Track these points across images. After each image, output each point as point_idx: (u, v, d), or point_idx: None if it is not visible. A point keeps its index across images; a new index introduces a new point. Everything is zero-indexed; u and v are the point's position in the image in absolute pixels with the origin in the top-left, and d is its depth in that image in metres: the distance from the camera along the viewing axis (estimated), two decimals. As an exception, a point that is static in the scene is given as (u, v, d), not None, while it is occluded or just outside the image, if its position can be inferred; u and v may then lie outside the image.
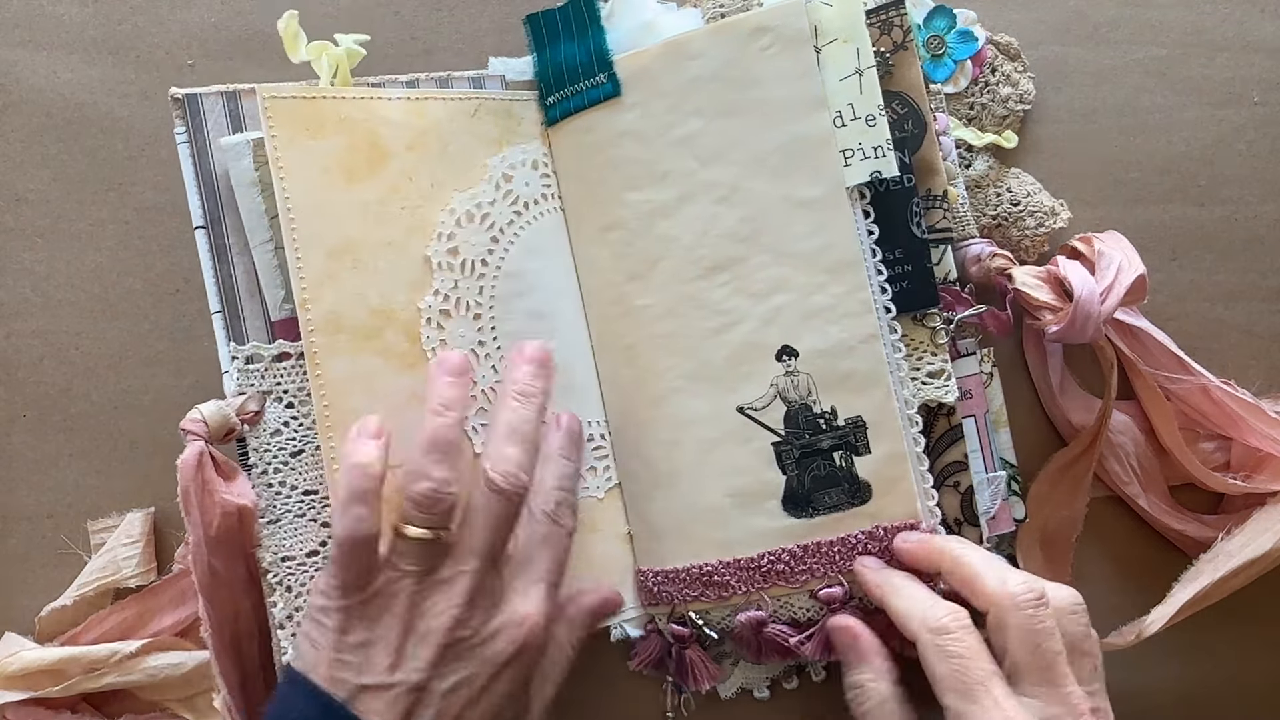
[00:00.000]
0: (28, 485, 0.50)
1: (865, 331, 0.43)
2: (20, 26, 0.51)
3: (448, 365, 0.41)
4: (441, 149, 0.45)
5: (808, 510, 0.44)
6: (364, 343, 0.42)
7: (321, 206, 0.42)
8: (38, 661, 0.45)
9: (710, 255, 0.44)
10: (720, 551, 0.44)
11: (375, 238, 0.43)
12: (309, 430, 0.42)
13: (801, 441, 0.44)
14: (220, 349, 0.42)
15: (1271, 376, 0.51)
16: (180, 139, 0.42)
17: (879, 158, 0.43)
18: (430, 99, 0.45)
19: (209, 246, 0.42)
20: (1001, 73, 0.50)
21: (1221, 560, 0.46)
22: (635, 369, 0.46)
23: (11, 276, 0.50)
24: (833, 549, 0.43)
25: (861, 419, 0.43)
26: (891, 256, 0.44)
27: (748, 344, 0.44)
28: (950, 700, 0.37)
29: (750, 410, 0.44)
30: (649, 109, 0.45)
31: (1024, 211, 0.49)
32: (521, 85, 0.48)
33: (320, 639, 0.38)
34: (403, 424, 0.41)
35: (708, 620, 0.45)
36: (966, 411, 0.46)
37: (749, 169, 0.44)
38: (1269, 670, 0.50)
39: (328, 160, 0.42)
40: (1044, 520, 0.48)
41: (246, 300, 0.43)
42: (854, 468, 0.43)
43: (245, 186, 0.42)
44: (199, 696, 0.47)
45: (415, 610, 0.38)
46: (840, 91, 0.43)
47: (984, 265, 0.46)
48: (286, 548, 0.42)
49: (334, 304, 0.42)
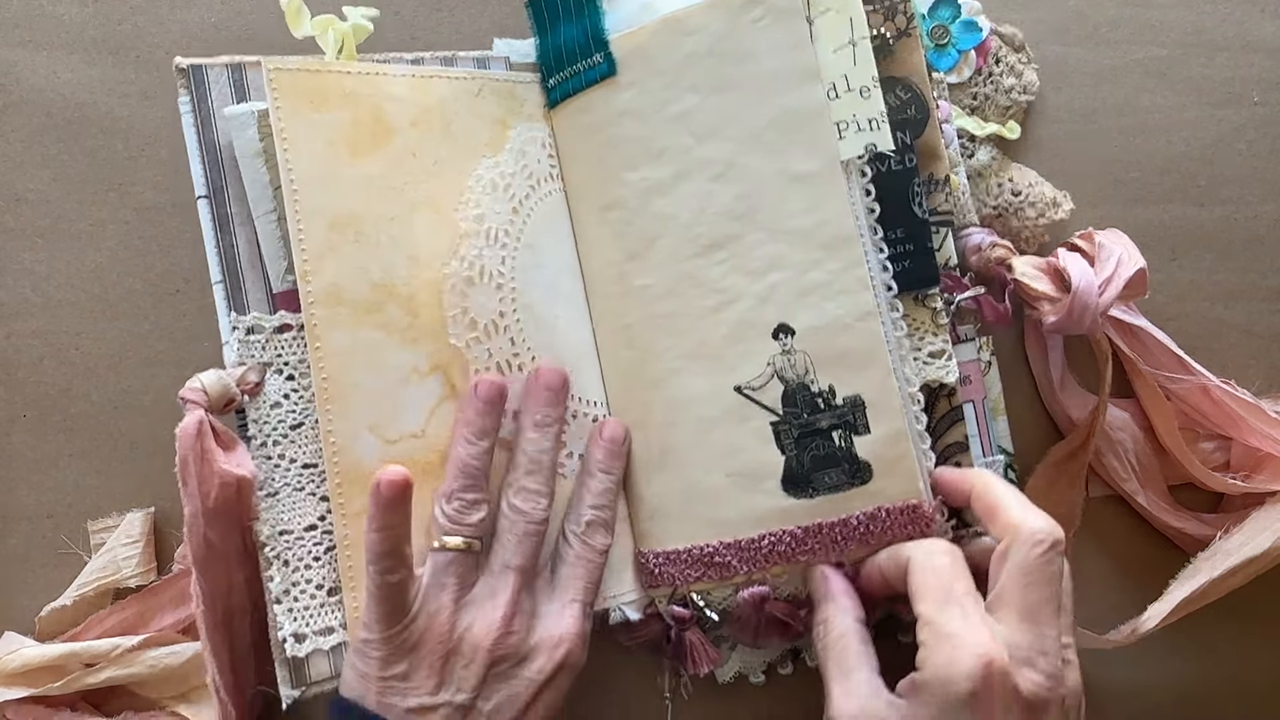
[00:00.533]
0: (28, 485, 0.50)
1: (862, 309, 0.42)
2: (20, 26, 0.51)
3: (483, 392, 0.42)
4: (445, 127, 0.44)
5: (808, 491, 0.43)
6: (365, 316, 0.42)
7: (324, 179, 0.42)
8: (38, 658, 0.45)
9: (707, 233, 0.44)
10: (721, 532, 0.44)
11: (378, 212, 0.42)
12: (309, 403, 0.42)
13: (800, 421, 0.43)
14: (220, 319, 0.42)
15: (1271, 376, 0.51)
16: (184, 109, 0.42)
17: (873, 130, 0.43)
18: (435, 77, 0.45)
19: (211, 216, 0.42)
20: (1005, 64, 0.50)
21: (1220, 559, 0.46)
22: (635, 349, 0.46)
23: (11, 276, 0.50)
24: (834, 530, 0.43)
25: (860, 398, 0.43)
26: (893, 236, 0.44)
27: (745, 322, 0.44)
28: (923, 608, 0.38)
29: (748, 390, 0.44)
30: (645, 87, 0.45)
31: (1025, 202, 0.49)
32: (525, 68, 0.48)
33: (366, 669, 0.39)
34: (403, 399, 0.42)
35: (709, 601, 0.45)
36: (965, 397, 0.46)
37: (744, 144, 0.44)
38: (1269, 669, 0.50)
39: (332, 133, 0.42)
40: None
41: (248, 270, 0.42)
42: (853, 447, 0.43)
43: (249, 157, 0.42)
44: (196, 691, 0.47)
45: (455, 629, 0.39)
46: (833, 63, 0.43)
47: (984, 255, 0.47)
48: (285, 521, 0.42)
49: (335, 276, 0.41)
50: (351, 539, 0.41)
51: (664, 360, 0.45)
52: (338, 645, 0.41)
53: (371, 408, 0.42)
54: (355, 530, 0.41)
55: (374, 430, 0.41)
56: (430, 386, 0.43)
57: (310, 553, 0.42)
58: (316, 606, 0.41)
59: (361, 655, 0.39)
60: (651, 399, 0.45)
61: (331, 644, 0.41)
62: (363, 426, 0.41)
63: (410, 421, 0.42)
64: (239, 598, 0.43)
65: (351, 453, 0.41)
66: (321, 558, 0.42)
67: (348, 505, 0.41)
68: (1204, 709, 0.49)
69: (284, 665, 0.41)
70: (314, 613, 0.41)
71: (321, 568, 0.42)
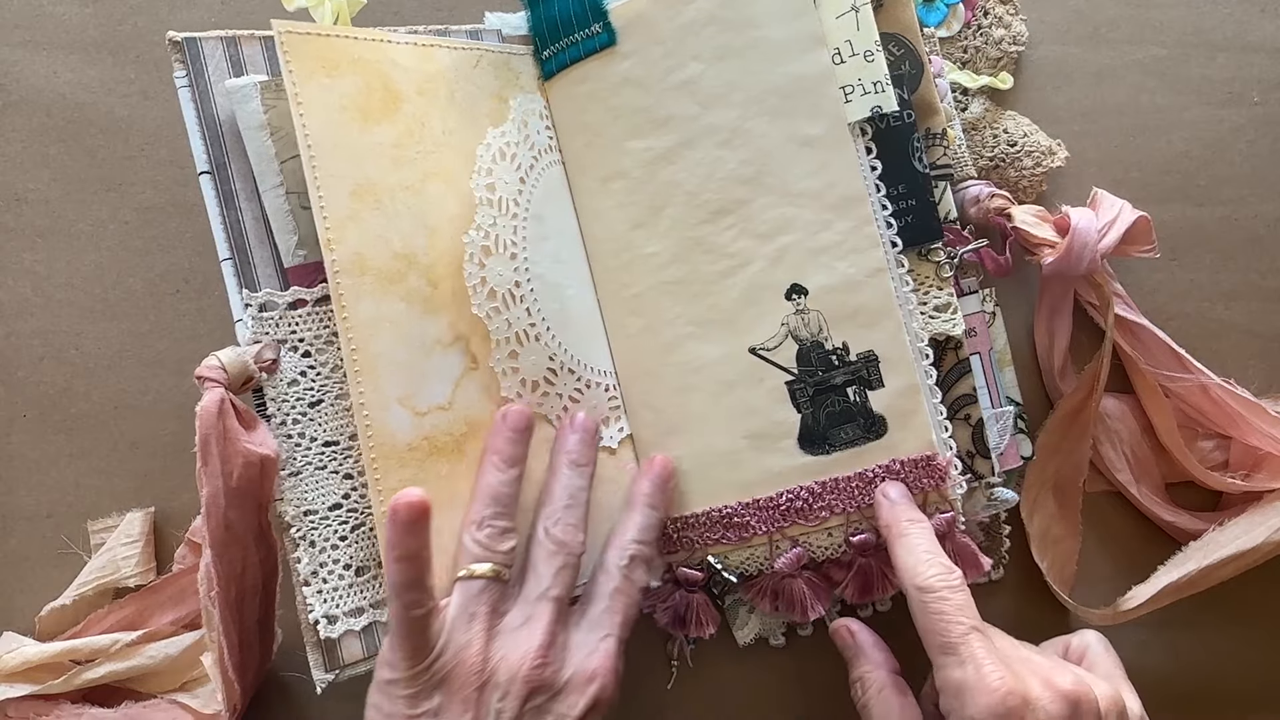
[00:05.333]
0: (28, 485, 0.50)
1: (873, 266, 0.43)
2: (20, 26, 0.51)
3: (512, 421, 0.41)
4: (449, 96, 0.44)
5: (824, 447, 0.43)
6: (389, 285, 0.41)
7: (340, 146, 0.41)
8: (38, 656, 0.45)
9: (715, 199, 0.44)
10: (739, 493, 0.44)
11: (393, 180, 0.42)
12: (327, 380, 0.42)
13: (815, 379, 0.44)
14: (231, 297, 0.41)
15: (1271, 376, 0.51)
16: (180, 83, 0.41)
17: (878, 93, 0.43)
18: (436, 46, 0.45)
19: (215, 192, 0.41)
20: (993, 15, 0.51)
21: (1211, 549, 0.47)
22: (643, 317, 0.46)
23: (11, 276, 0.50)
24: (851, 484, 0.43)
25: (873, 353, 0.43)
26: (895, 192, 0.44)
27: (756, 285, 0.44)
28: (932, 654, 0.38)
29: (762, 351, 0.44)
30: (646, 55, 0.45)
31: (1021, 152, 0.49)
32: (517, 40, 0.48)
33: (393, 709, 0.37)
34: (428, 371, 0.41)
35: (726, 565, 0.45)
36: (972, 349, 0.46)
37: (750, 110, 0.44)
38: (1256, 661, 0.50)
39: (344, 99, 0.41)
40: (1055, 469, 0.49)
41: (256, 247, 0.41)
42: (868, 402, 0.43)
43: (253, 130, 0.41)
44: (194, 681, 0.47)
45: (489, 660, 0.38)
46: (837, 28, 0.43)
47: (983, 206, 0.47)
48: (309, 501, 0.41)
49: (358, 245, 0.41)
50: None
51: (675, 327, 0.45)
52: (369, 625, 0.41)
53: (400, 379, 0.41)
54: None
55: (403, 403, 0.41)
56: (453, 357, 0.42)
57: (336, 532, 0.41)
58: (345, 587, 0.41)
59: (387, 695, 0.37)
60: (663, 365, 0.46)
61: (363, 625, 0.41)
62: (392, 399, 0.41)
63: (437, 394, 0.42)
64: (251, 578, 0.42)
65: (384, 425, 0.40)
66: (348, 536, 0.41)
67: (384, 480, 0.40)
68: (1192, 699, 0.49)
69: (316, 649, 0.40)
70: (343, 593, 0.41)
71: (348, 547, 0.41)
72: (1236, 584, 0.47)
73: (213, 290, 0.50)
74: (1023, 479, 0.49)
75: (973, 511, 0.46)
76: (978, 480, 0.45)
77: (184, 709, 0.46)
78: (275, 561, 0.43)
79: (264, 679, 0.47)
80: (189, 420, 0.38)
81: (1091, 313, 0.50)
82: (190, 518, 0.48)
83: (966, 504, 0.45)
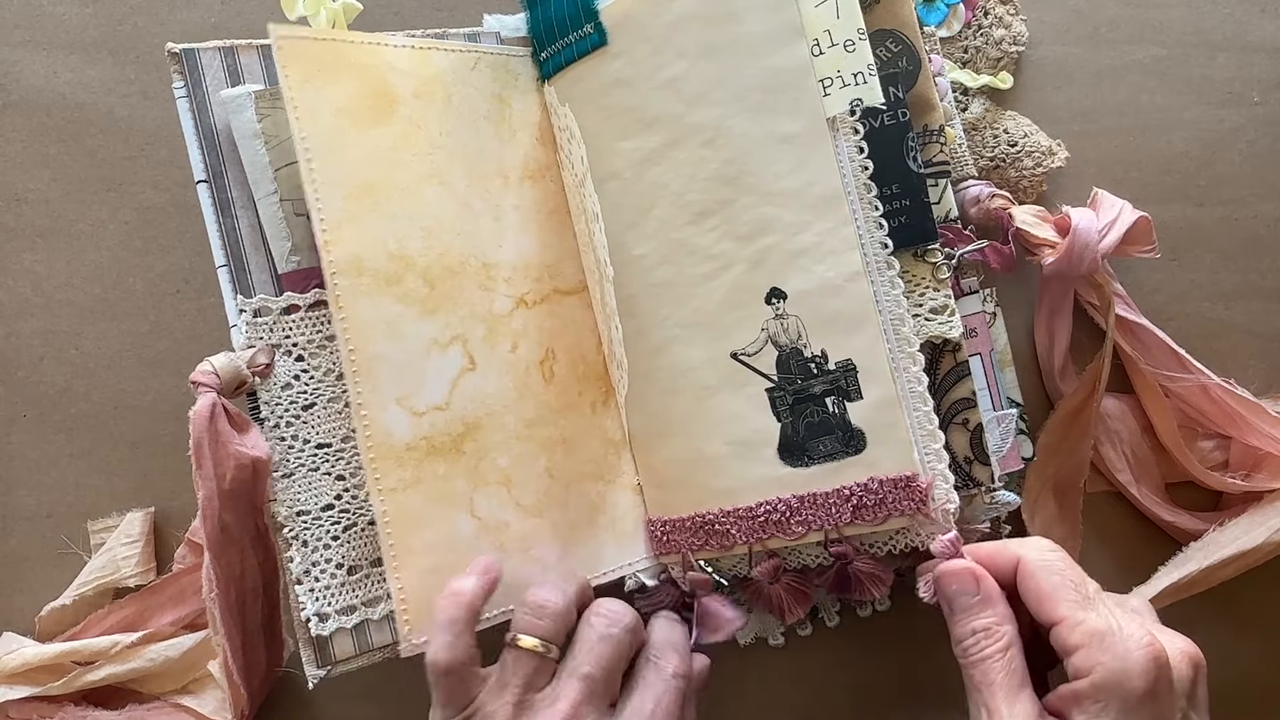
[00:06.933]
0: (28, 485, 0.50)
1: (851, 269, 0.41)
2: (20, 26, 0.51)
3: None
4: (446, 99, 0.45)
5: (803, 459, 0.42)
6: (386, 287, 0.42)
7: (336, 148, 0.41)
8: (38, 657, 0.45)
9: (699, 199, 0.44)
10: (721, 500, 0.44)
11: (389, 182, 0.42)
12: (319, 383, 0.42)
13: (794, 387, 0.43)
14: (226, 302, 0.42)
15: (1271, 376, 0.51)
16: (179, 94, 0.42)
17: (859, 84, 0.41)
18: (433, 49, 0.45)
19: (212, 200, 0.42)
20: (994, 15, 0.51)
21: (1211, 549, 0.46)
22: (637, 319, 0.46)
23: (11, 276, 0.50)
24: (828, 500, 0.42)
25: (852, 362, 0.42)
26: (888, 192, 0.42)
27: (738, 288, 0.43)
28: (1064, 610, 0.36)
29: (743, 356, 0.43)
30: (635, 54, 0.45)
31: (1021, 152, 0.49)
32: (516, 42, 0.48)
33: None
34: (425, 371, 0.42)
35: (717, 568, 0.45)
36: (972, 350, 0.45)
37: (731, 108, 0.43)
38: (1256, 661, 0.50)
39: (340, 103, 0.42)
40: (1056, 470, 0.49)
41: (251, 254, 0.42)
42: (846, 414, 0.42)
43: (248, 139, 0.42)
44: (196, 683, 0.47)
45: None
46: (816, 18, 0.42)
47: (984, 206, 0.47)
48: (301, 502, 0.41)
49: (355, 246, 0.41)
50: (391, 514, 0.40)
51: (664, 329, 0.45)
52: (360, 623, 0.41)
53: (398, 380, 0.41)
54: (393, 505, 0.40)
55: (401, 403, 0.41)
56: (451, 358, 0.43)
57: (329, 532, 0.42)
58: (337, 586, 0.41)
59: None
60: (654, 367, 0.45)
61: (354, 622, 0.41)
62: (390, 399, 0.41)
63: (434, 394, 0.42)
64: (251, 580, 0.42)
65: (382, 426, 0.41)
66: (340, 537, 0.42)
67: (383, 480, 0.40)
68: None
69: (308, 645, 0.41)
70: (335, 592, 0.41)
71: (340, 546, 0.42)
72: (1237, 584, 0.47)
73: (213, 290, 0.49)
74: (1023, 480, 0.49)
75: (973, 519, 0.45)
76: (976, 487, 0.44)
77: (187, 712, 0.46)
78: (275, 565, 0.43)
79: (278, 683, 0.47)
80: (189, 420, 0.39)
81: (1092, 313, 0.50)
82: (190, 518, 0.48)
83: (966, 512, 0.44)
